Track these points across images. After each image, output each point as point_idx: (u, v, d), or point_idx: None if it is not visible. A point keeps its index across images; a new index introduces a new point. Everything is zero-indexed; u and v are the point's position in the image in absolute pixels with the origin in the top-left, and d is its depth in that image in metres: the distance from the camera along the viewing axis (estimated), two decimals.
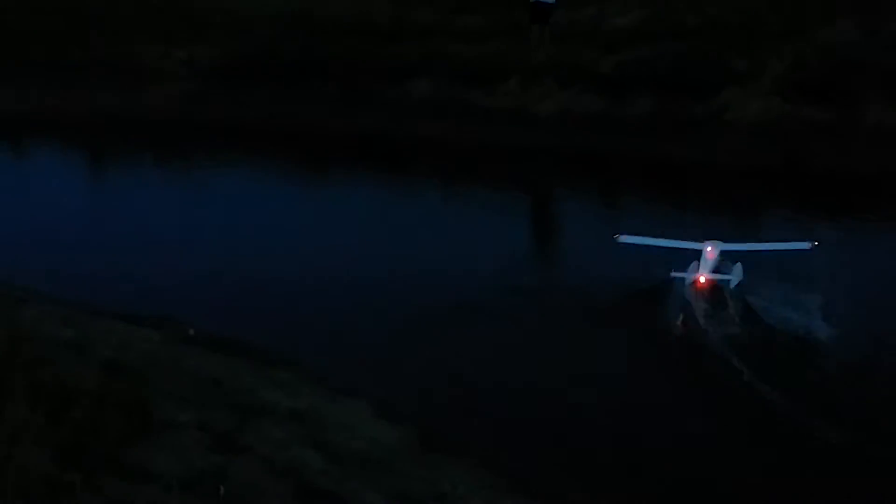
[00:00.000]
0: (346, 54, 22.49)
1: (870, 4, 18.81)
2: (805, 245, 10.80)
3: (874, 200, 13.85)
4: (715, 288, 10.73)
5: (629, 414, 8.61)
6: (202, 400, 8.50)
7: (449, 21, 23.21)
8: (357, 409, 8.74)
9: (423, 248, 12.87)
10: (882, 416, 8.40)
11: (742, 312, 10.51)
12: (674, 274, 10.80)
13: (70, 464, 6.36)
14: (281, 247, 13.23)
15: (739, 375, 9.07)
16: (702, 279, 10.70)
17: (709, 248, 10.88)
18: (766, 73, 17.70)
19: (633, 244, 11.16)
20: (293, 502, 6.91)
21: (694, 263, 10.84)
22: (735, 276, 10.76)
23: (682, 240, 11.09)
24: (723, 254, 10.98)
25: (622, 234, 11.36)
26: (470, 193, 15.86)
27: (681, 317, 10.53)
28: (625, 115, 18.17)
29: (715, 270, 10.84)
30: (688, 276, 10.78)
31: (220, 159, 19.25)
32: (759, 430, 8.34)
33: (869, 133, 15.36)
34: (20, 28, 25.24)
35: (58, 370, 8.01)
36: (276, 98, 21.42)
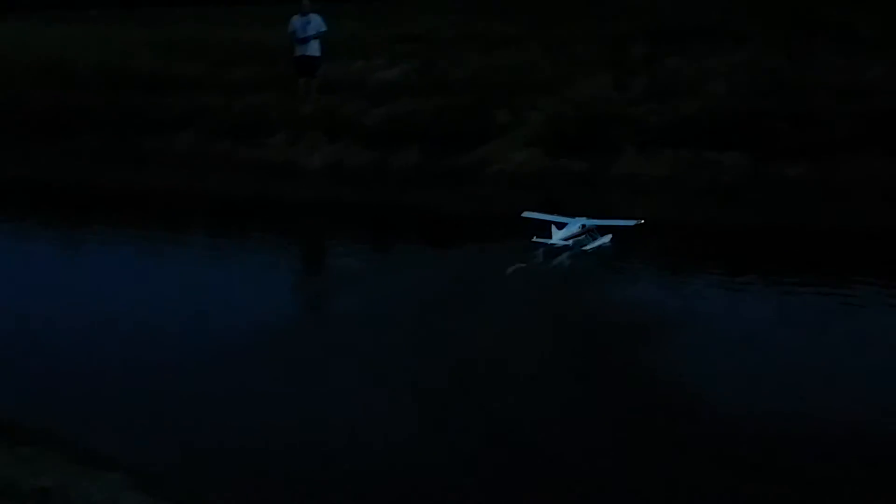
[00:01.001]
0: (106, 106, 21.76)
1: (621, 61, 19.97)
2: (632, 223, 13.50)
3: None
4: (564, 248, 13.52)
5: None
6: None
7: (214, 73, 22.94)
8: (112, 483, 8.20)
9: (180, 304, 12.38)
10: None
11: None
12: (535, 239, 13.48)
13: None
14: (26, 308, 12.37)
15: None
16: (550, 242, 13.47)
17: (570, 223, 13.70)
18: (527, 127, 18.37)
19: (535, 218, 13.92)
20: None
21: (554, 230, 13.52)
22: (594, 243, 13.68)
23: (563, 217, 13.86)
24: (586, 227, 13.77)
25: (527, 211, 14.15)
26: (235, 248, 15.49)
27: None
28: (392, 167, 18.40)
29: (572, 237, 13.57)
30: (546, 240, 13.47)
31: None
32: None
33: (620, 181, 16.16)
34: None
35: None
36: (26, 152, 20.39)
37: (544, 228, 13.65)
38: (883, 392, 8.97)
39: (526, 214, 14.09)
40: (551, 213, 14.11)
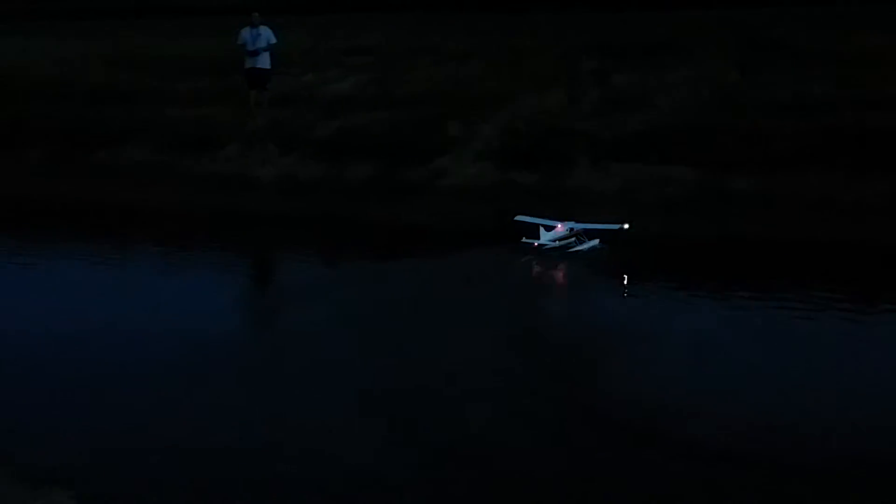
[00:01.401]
0: (53, 118, 21.57)
1: (572, 76, 20.19)
2: (616, 227, 14.19)
3: None
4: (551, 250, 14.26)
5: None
6: None
7: (163, 86, 22.80)
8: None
9: (124, 315, 12.25)
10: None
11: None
12: (524, 240, 14.21)
13: None
14: None
15: None
16: (536, 244, 14.21)
17: (559, 226, 14.42)
18: (479, 140, 18.49)
19: (526, 222, 14.60)
20: None
21: (543, 233, 14.22)
22: (581, 246, 14.40)
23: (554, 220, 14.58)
24: (574, 230, 14.45)
25: (519, 215, 14.82)
26: (185, 261, 15.38)
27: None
28: (345, 179, 18.40)
29: (559, 240, 14.30)
30: (533, 241, 14.21)
31: None
32: None
33: (573, 194, 16.32)
34: None
35: None
36: None
37: (534, 231, 14.36)
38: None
39: (519, 218, 14.74)
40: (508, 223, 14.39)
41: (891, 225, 14.38)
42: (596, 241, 14.49)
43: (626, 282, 13.31)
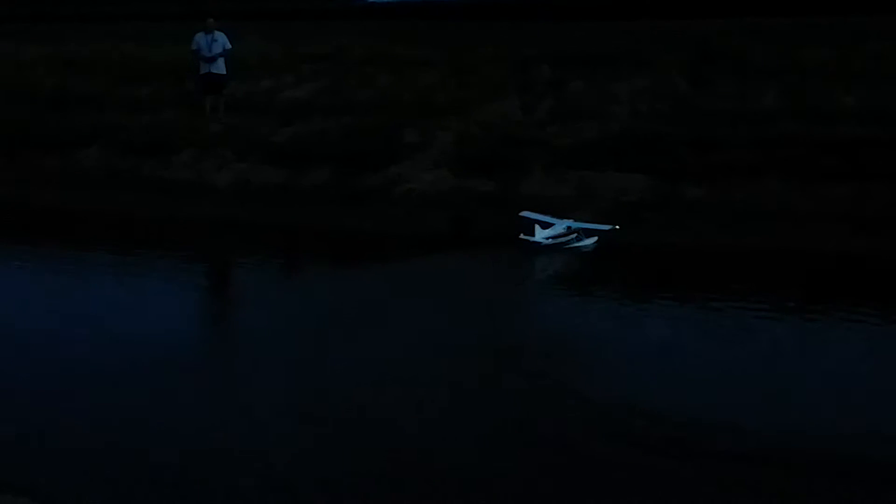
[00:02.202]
0: (7, 123, 21.28)
1: (527, 84, 20.34)
2: (608, 227, 14.67)
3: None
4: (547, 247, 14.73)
5: None
6: None
7: (117, 90, 22.59)
8: None
9: (72, 319, 12.14)
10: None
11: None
12: (522, 236, 14.66)
13: None
14: None
15: None
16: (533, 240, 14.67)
17: (555, 223, 14.91)
18: (435, 147, 18.54)
19: (531, 218, 14.99)
20: None
21: (538, 229, 14.68)
22: (578, 243, 14.87)
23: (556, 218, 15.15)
24: (571, 228, 14.95)
25: (525, 211, 15.26)
26: (138, 267, 15.22)
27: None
28: (301, 185, 18.34)
29: (556, 237, 14.76)
30: (530, 238, 14.66)
31: None
32: None
33: (526, 201, 16.41)
34: None
35: None
36: None
37: (531, 229, 14.79)
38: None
39: (523, 214, 15.21)
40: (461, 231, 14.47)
41: (844, 232, 14.68)
42: (594, 239, 14.93)
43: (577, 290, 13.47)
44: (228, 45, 20.47)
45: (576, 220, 15.24)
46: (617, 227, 14.74)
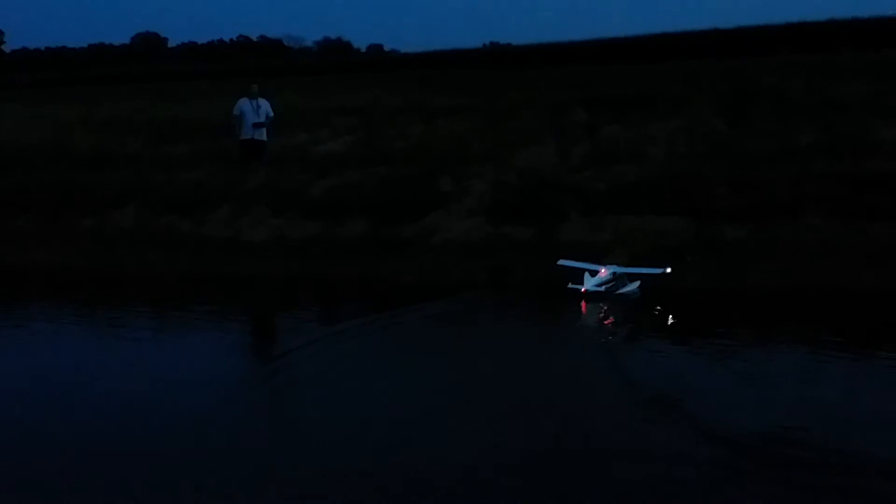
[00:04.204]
0: (46, 185, 21.52)
1: (562, 129, 20.26)
2: (659, 270, 14.55)
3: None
4: (597, 294, 14.56)
5: None
6: None
7: (153, 149, 22.83)
8: None
9: (109, 383, 11.99)
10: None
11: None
12: (570, 286, 14.62)
13: None
14: None
15: None
16: (583, 289, 14.52)
17: (602, 270, 14.75)
18: (471, 195, 18.46)
19: (574, 267, 14.98)
20: None
21: (587, 277, 14.61)
22: (625, 288, 14.71)
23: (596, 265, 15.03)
24: (617, 274, 14.75)
25: (562, 259, 15.22)
26: (179, 325, 15.16)
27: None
28: (337, 238, 18.29)
29: (604, 284, 14.56)
30: (580, 287, 14.58)
31: None
32: None
33: (565, 247, 16.23)
34: None
35: None
36: None
37: (578, 277, 14.82)
38: None
39: (561, 262, 15.12)
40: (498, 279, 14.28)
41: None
42: (637, 283, 14.80)
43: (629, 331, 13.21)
44: (271, 113, 20.61)
45: (619, 265, 15.06)
46: (668, 269, 14.59)
